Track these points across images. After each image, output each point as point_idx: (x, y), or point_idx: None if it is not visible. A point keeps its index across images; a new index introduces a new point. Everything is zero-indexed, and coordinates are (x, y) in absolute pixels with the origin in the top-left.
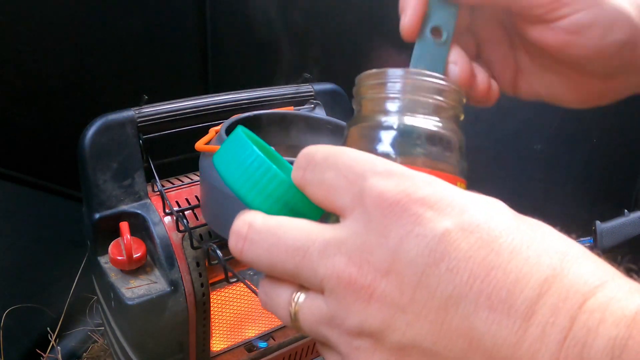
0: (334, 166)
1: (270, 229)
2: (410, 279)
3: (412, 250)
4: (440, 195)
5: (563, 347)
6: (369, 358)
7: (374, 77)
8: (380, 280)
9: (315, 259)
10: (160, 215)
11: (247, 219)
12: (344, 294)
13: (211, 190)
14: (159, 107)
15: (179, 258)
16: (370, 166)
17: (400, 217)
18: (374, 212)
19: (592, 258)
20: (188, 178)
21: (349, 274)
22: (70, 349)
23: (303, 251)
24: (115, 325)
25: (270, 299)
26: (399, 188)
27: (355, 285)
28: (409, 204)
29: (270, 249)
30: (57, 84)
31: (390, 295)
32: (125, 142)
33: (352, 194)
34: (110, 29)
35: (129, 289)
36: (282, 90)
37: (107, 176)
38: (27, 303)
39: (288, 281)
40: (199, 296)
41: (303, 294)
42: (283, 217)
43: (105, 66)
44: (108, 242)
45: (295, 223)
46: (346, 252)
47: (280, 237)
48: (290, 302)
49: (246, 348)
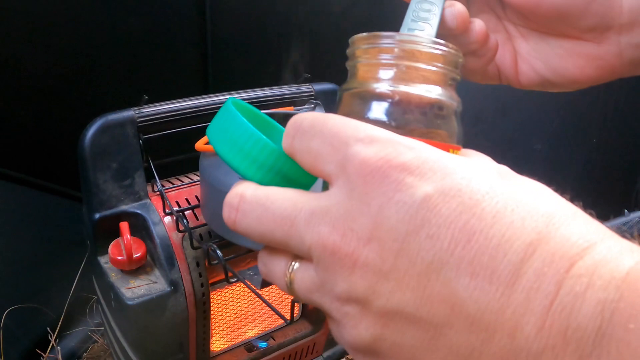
0: (320, 133)
1: (260, 199)
2: (391, 246)
3: (392, 217)
4: (423, 159)
5: (549, 313)
6: (358, 323)
7: (369, 40)
8: (363, 248)
9: (302, 228)
10: (160, 215)
11: (239, 190)
12: (330, 262)
13: (211, 190)
14: (159, 107)
15: (179, 258)
16: (354, 132)
17: (381, 184)
18: (356, 179)
19: (583, 218)
20: (188, 178)
21: (333, 242)
22: (70, 349)
23: (290, 220)
24: (115, 325)
25: (268, 269)
26: (380, 154)
27: (339, 253)
28: (390, 170)
29: (259, 219)
30: (57, 83)
31: (373, 262)
32: (125, 142)
33: (336, 161)
34: (110, 29)
35: (129, 289)
36: (282, 90)
37: (107, 176)
38: (27, 303)
39: (283, 251)
40: (199, 296)
41: (297, 263)
42: (273, 188)
43: (106, 66)
44: (108, 242)
45: (284, 193)
46: (330, 220)
47: (268, 208)
48: (285, 272)
49: (246, 348)
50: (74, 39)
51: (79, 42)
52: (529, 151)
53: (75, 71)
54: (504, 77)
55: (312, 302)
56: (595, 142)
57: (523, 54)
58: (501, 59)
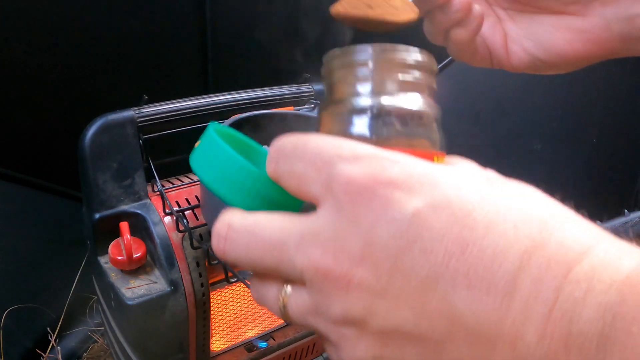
0: (302, 155)
1: (247, 227)
2: (385, 264)
3: (383, 234)
4: (409, 173)
5: (549, 320)
6: (356, 345)
7: (342, 56)
8: (356, 268)
9: (292, 253)
10: (160, 215)
11: (226, 219)
12: (323, 285)
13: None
14: (159, 107)
15: (179, 258)
16: (337, 151)
17: (370, 202)
18: (343, 199)
19: (578, 222)
20: (188, 178)
21: (325, 265)
22: (70, 349)
23: (280, 246)
24: (115, 325)
25: (261, 295)
26: (366, 171)
27: (332, 275)
28: (377, 187)
29: (248, 247)
30: (57, 83)
31: (367, 282)
32: (125, 142)
33: (322, 182)
34: (110, 29)
35: (129, 289)
36: (282, 90)
37: (107, 176)
38: (27, 303)
39: (274, 277)
40: (199, 296)
41: (289, 287)
42: (261, 214)
43: (105, 66)
44: (108, 242)
45: (271, 218)
46: (320, 243)
47: (256, 235)
48: (277, 296)
49: (246, 348)
50: (74, 39)
51: (79, 42)
52: (529, 151)
53: (75, 71)
54: (496, 60)
55: (307, 325)
56: (595, 142)
57: (512, 35)
58: (491, 41)
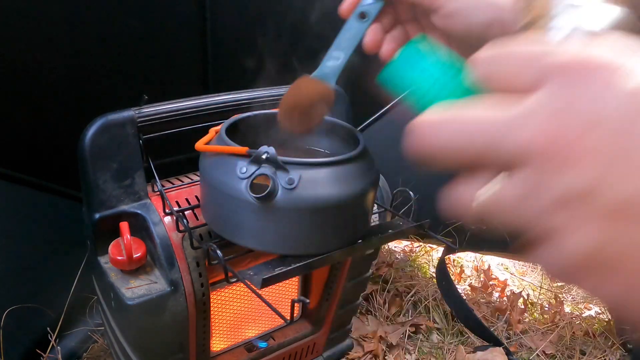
0: (511, 54)
1: (454, 114)
2: (612, 134)
3: (607, 107)
4: (618, 58)
5: None
6: (580, 227)
7: None
8: (580, 140)
9: (507, 131)
10: (160, 215)
11: (426, 116)
12: (544, 160)
13: (211, 190)
14: (159, 107)
15: (179, 258)
16: (545, 46)
17: (589, 80)
18: (561, 80)
19: None
20: (188, 178)
21: (549, 136)
22: (70, 349)
23: (493, 126)
24: (115, 325)
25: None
26: (581, 55)
27: (556, 146)
28: (594, 67)
29: (456, 133)
30: (57, 83)
31: (593, 153)
32: (125, 142)
33: (535, 71)
34: (110, 29)
35: (129, 289)
36: (282, 90)
37: (107, 176)
38: (27, 303)
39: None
40: (199, 296)
41: (500, 175)
42: (467, 103)
43: (105, 66)
44: (108, 242)
45: (481, 105)
46: (539, 120)
47: (464, 119)
48: (483, 190)
49: (246, 348)
50: (73, 39)
51: (79, 42)
52: None
53: (75, 71)
54: None
55: (514, 219)
56: None
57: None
58: None
